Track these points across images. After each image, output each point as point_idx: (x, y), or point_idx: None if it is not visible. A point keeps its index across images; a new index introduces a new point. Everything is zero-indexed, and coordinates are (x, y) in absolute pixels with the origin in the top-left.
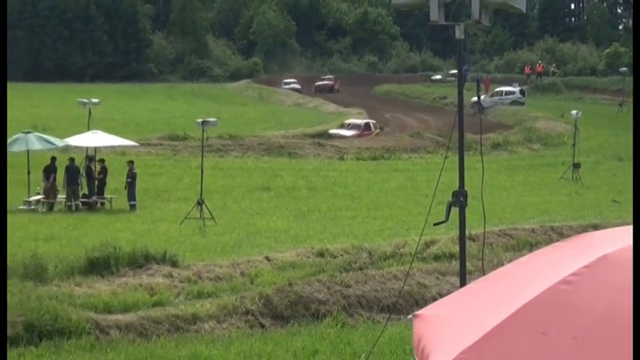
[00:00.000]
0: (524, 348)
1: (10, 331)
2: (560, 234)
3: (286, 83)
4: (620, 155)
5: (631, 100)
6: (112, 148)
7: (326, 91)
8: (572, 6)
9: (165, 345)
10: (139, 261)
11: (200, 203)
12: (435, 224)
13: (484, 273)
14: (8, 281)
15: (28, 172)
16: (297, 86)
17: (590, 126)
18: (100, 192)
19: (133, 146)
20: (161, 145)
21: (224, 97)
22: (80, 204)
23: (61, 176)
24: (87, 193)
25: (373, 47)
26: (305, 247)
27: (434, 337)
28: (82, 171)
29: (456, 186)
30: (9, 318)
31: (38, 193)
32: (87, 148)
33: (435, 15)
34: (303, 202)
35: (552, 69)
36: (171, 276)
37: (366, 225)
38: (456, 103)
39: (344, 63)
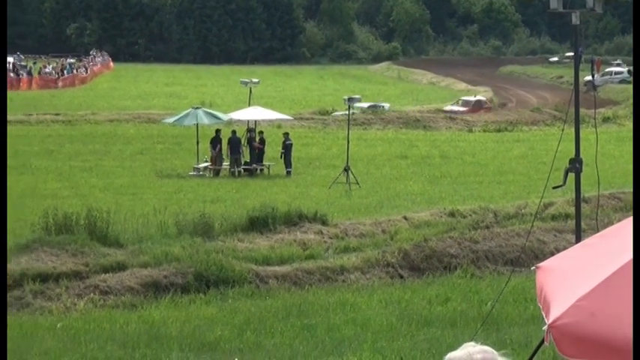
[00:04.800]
0: (630, 297)
1: (181, 280)
2: None
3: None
4: None
5: None
6: (270, 121)
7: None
8: None
9: (317, 293)
10: (294, 220)
11: (346, 170)
12: (553, 187)
13: (597, 231)
14: (180, 237)
15: (197, 143)
16: None
17: None
18: (260, 160)
19: (288, 120)
20: (312, 119)
21: (367, 77)
22: (242, 170)
23: (225, 146)
24: (248, 160)
25: (497, 33)
26: (438, 208)
27: (554, 286)
28: (244, 141)
29: (571, 154)
30: (181, 268)
31: (206, 161)
32: (248, 121)
33: (555, 3)
34: (436, 168)
35: None
36: (322, 233)
37: (491, 189)
38: (571, 82)
39: (472, 47)
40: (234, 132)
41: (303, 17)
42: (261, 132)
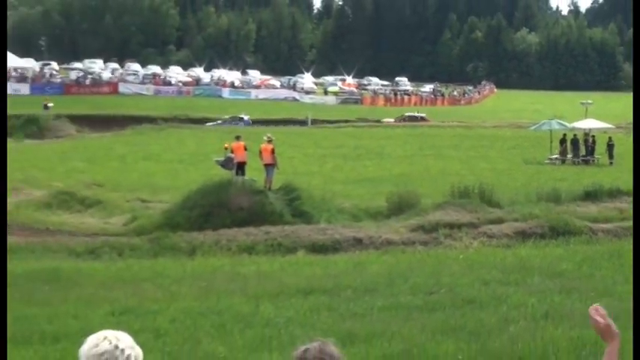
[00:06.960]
0: None
1: (540, 230)
2: None
3: None
4: None
5: None
6: (599, 129)
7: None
8: None
9: (630, 243)
10: (614, 193)
11: None
12: None
13: None
14: (539, 203)
15: (550, 142)
16: None
17: None
18: (592, 154)
19: (611, 128)
20: (627, 127)
21: None
22: (580, 161)
23: (569, 144)
24: (584, 154)
25: None
26: None
27: None
28: (582, 141)
29: None
30: (540, 223)
31: (556, 154)
32: (584, 129)
33: None
34: None
35: None
36: None
37: None
38: None
39: None
40: (575, 135)
41: (622, 59)
42: (593, 135)
